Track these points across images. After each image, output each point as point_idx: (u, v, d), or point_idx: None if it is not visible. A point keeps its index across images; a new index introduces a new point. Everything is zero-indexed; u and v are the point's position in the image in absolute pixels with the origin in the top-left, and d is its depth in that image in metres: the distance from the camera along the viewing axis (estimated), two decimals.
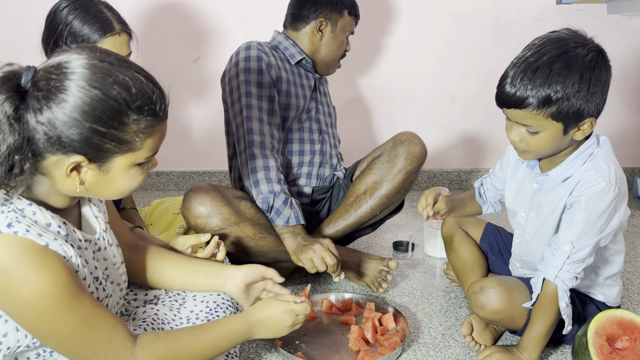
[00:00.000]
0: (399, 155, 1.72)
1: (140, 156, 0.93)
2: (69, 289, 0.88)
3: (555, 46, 1.14)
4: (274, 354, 1.36)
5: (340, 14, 1.87)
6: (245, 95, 1.67)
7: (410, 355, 1.37)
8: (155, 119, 0.92)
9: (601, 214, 1.19)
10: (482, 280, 1.35)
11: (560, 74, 1.11)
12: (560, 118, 1.15)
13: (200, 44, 2.66)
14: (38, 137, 0.85)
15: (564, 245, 1.21)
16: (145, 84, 0.90)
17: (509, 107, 1.17)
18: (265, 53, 1.73)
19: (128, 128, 0.89)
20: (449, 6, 2.64)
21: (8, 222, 0.86)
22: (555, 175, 1.26)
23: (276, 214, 1.58)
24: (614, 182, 1.18)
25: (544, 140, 1.19)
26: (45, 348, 1.01)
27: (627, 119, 2.84)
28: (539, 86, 1.12)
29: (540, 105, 1.13)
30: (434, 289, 1.74)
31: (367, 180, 1.74)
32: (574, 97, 1.12)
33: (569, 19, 2.62)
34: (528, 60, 1.14)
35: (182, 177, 2.90)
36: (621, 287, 1.39)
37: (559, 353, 1.38)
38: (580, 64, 1.12)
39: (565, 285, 1.21)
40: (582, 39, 1.16)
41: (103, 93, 0.85)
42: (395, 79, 2.69)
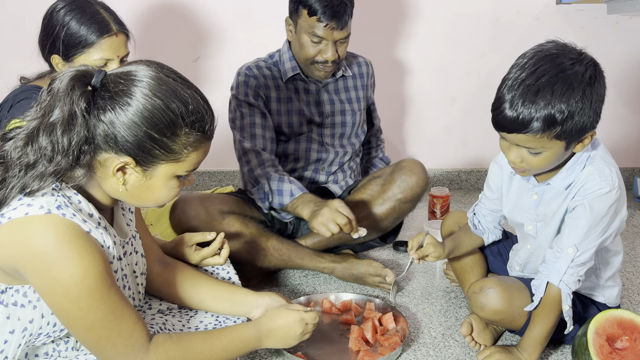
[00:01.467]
0: (393, 182, 1.71)
1: (182, 168, 1.00)
2: (105, 277, 0.92)
3: (551, 65, 1.10)
4: (274, 354, 1.36)
5: (297, 13, 1.72)
6: (240, 118, 1.75)
7: (410, 355, 1.37)
8: (204, 136, 0.99)
9: (604, 216, 1.19)
10: (482, 280, 1.35)
11: (563, 94, 1.08)
12: (564, 137, 1.12)
13: (200, 44, 2.66)
14: (98, 133, 0.93)
15: (567, 249, 1.20)
16: (201, 104, 0.98)
17: (511, 132, 1.13)
18: (254, 76, 1.77)
19: (179, 139, 0.96)
20: (449, 6, 2.64)
21: (58, 205, 0.91)
22: (556, 184, 1.24)
23: (278, 195, 1.60)
24: (617, 185, 1.18)
25: (546, 159, 1.17)
26: (55, 347, 1.03)
27: (627, 119, 2.84)
28: (543, 108, 1.08)
29: (545, 128, 1.10)
30: (434, 289, 1.74)
31: (358, 197, 1.74)
32: (578, 115, 1.10)
33: (569, 19, 2.62)
34: (525, 82, 1.10)
35: None
36: (620, 288, 1.39)
37: (559, 353, 1.38)
38: (581, 82, 1.09)
39: (568, 288, 1.21)
40: (576, 54, 1.13)
41: (164, 104, 0.93)
42: (395, 79, 2.68)
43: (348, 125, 1.87)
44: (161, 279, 1.26)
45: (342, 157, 1.88)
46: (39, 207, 0.90)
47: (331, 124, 1.85)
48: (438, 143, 2.80)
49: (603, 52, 2.70)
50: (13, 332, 0.95)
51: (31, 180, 0.91)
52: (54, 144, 0.91)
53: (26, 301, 0.96)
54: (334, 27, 1.66)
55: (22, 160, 0.92)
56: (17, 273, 0.92)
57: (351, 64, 1.94)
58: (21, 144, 0.92)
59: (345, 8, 1.67)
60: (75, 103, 0.90)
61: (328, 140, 1.85)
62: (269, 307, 1.25)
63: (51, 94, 0.92)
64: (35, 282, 0.91)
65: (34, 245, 0.88)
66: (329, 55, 1.71)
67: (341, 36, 1.70)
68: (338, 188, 1.88)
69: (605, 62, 3.07)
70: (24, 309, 0.96)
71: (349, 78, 1.90)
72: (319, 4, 1.65)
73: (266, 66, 1.81)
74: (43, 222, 0.89)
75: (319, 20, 1.66)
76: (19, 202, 0.91)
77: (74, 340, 1.06)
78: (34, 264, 0.88)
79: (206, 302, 1.26)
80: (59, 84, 0.92)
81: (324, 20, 1.65)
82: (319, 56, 1.72)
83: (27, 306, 0.96)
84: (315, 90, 1.84)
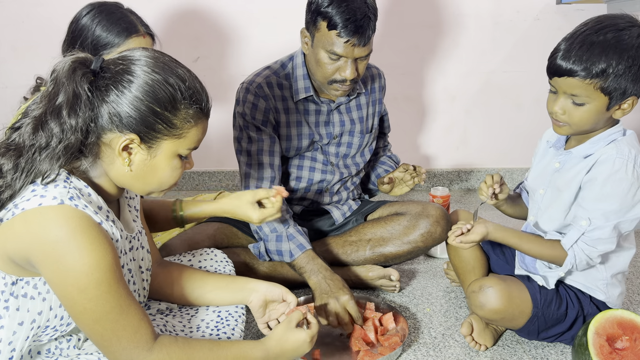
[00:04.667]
0: (417, 227, 1.67)
1: (184, 145, 1.02)
2: (114, 269, 0.94)
3: (611, 23, 1.19)
4: None
5: (315, 25, 1.54)
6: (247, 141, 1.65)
7: (410, 355, 1.37)
8: (201, 111, 1.02)
9: (622, 196, 1.21)
10: (481, 279, 1.35)
11: (617, 47, 1.16)
12: (608, 92, 1.19)
13: (200, 44, 2.66)
14: (102, 114, 0.96)
15: (582, 221, 1.24)
16: (196, 81, 1.03)
17: (562, 75, 1.20)
18: (264, 97, 1.64)
19: (179, 113, 0.99)
20: (449, 6, 2.64)
21: (70, 196, 0.93)
22: (577, 152, 1.29)
23: (278, 255, 1.57)
24: (633, 164, 1.21)
25: (587, 112, 1.22)
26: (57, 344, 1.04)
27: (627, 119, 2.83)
28: (596, 56, 1.16)
29: (595, 75, 1.17)
30: (434, 289, 1.74)
31: (377, 231, 1.71)
32: (625, 72, 1.17)
33: (569, 19, 2.62)
34: (585, 33, 1.19)
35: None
36: (624, 290, 1.39)
37: (559, 353, 1.38)
38: (634, 44, 1.17)
39: (574, 259, 1.24)
40: (634, 20, 1.21)
41: (163, 78, 0.97)
42: (395, 79, 2.68)
43: (354, 146, 1.80)
44: (159, 279, 1.27)
45: (346, 177, 1.82)
46: (52, 198, 0.91)
47: (337, 143, 1.78)
48: (438, 143, 2.80)
49: None
50: (22, 324, 0.96)
51: (43, 163, 0.93)
52: (62, 124, 0.93)
53: (36, 293, 0.97)
54: (355, 43, 1.50)
55: (34, 144, 0.94)
56: (29, 264, 0.93)
57: (364, 79, 1.80)
58: (30, 129, 0.94)
59: (369, 22, 1.51)
60: (78, 83, 0.93)
61: (333, 159, 1.78)
62: (269, 293, 1.27)
63: (54, 81, 0.95)
64: (47, 272, 0.92)
65: (47, 235, 0.89)
66: (348, 74, 1.55)
67: (362, 54, 1.54)
68: (340, 215, 1.82)
69: None
70: (34, 301, 0.97)
71: (362, 95, 1.79)
72: (340, 17, 1.48)
73: (277, 82, 1.67)
74: (57, 212, 0.90)
75: (339, 35, 1.49)
76: (31, 193, 0.92)
77: (76, 338, 1.07)
78: (47, 254, 0.90)
79: (206, 294, 1.27)
80: (61, 70, 0.95)
81: (345, 35, 1.49)
82: (337, 74, 1.57)
83: (37, 298, 0.97)
84: (326, 111, 1.74)
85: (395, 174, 1.77)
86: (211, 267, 1.40)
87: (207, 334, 1.20)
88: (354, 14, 1.48)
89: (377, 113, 1.85)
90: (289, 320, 1.16)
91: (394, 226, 1.69)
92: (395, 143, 2.15)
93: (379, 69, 1.87)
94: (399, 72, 2.69)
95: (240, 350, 1.08)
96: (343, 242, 1.74)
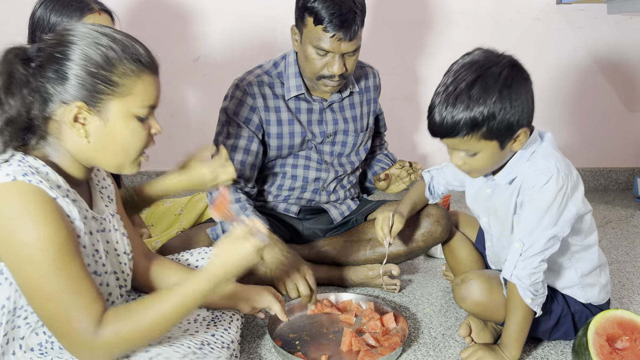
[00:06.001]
0: (418, 227, 1.67)
1: (135, 103, 1.01)
2: (69, 245, 0.94)
3: (471, 70, 1.17)
4: (273, 354, 1.36)
5: (303, 21, 1.57)
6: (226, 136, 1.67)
7: (410, 355, 1.37)
8: (142, 65, 1.01)
9: (548, 207, 1.20)
10: (465, 272, 1.38)
11: (480, 96, 1.14)
12: (492, 137, 1.17)
13: (200, 44, 2.66)
14: (44, 91, 0.97)
15: (515, 244, 1.23)
16: (130, 38, 1.03)
17: (442, 137, 1.21)
18: (253, 95, 1.66)
19: (116, 69, 0.99)
20: (449, 6, 2.64)
21: (24, 172, 0.93)
22: (500, 179, 1.29)
23: None
24: (555, 174, 1.19)
25: (484, 159, 1.22)
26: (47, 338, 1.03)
27: (627, 118, 2.84)
28: (463, 112, 1.15)
29: (469, 130, 1.16)
30: (434, 289, 1.74)
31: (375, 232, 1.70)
32: (499, 114, 1.15)
33: (569, 19, 2.62)
34: (448, 89, 1.17)
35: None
36: (603, 285, 1.37)
37: (559, 353, 1.38)
38: (496, 82, 1.15)
39: (522, 282, 1.22)
40: (495, 58, 1.20)
41: (94, 41, 0.98)
42: (395, 79, 2.68)
43: (349, 145, 1.80)
44: (148, 274, 1.27)
45: (341, 175, 1.82)
46: (5, 175, 0.92)
47: (331, 142, 1.78)
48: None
49: (603, 52, 2.73)
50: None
51: None
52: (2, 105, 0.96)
53: (2, 278, 0.97)
54: (341, 37, 1.52)
55: None
56: None
57: (358, 77, 1.80)
58: None
59: (355, 16, 1.52)
60: (11, 64, 0.96)
61: (327, 158, 1.78)
62: (256, 302, 1.28)
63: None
64: (1, 250, 0.92)
65: (0, 212, 0.90)
66: (336, 69, 1.57)
67: (349, 49, 1.56)
68: (338, 214, 1.81)
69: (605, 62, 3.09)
70: (1, 286, 0.97)
71: (355, 94, 1.78)
72: (326, 12, 1.50)
73: (268, 82, 1.69)
74: (9, 188, 0.91)
75: (325, 29, 1.51)
76: None
77: None
78: (0, 230, 0.91)
79: None
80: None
81: (331, 30, 1.51)
82: (325, 70, 1.59)
83: (4, 283, 0.97)
84: (318, 110, 1.73)
85: (391, 171, 1.77)
86: None
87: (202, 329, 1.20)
88: (340, 9, 1.50)
89: (371, 112, 1.85)
90: (228, 236, 1.06)
91: None
92: (393, 142, 2.15)
93: (373, 68, 1.87)
94: (398, 71, 2.69)
95: (183, 293, 1.01)
96: (343, 242, 1.73)
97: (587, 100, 2.79)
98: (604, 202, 2.70)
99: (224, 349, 1.15)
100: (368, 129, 1.84)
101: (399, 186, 1.78)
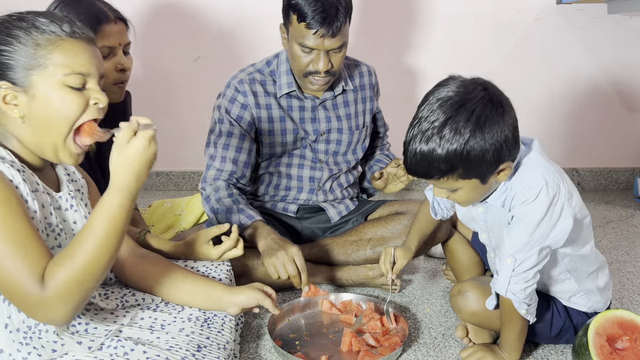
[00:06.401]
0: None
1: (57, 73, 0.99)
2: (13, 204, 0.94)
3: (442, 110, 1.09)
4: (273, 354, 1.36)
5: (288, 19, 1.58)
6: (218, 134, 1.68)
7: (410, 355, 1.37)
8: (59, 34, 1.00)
9: (539, 222, 1.15)
10: (461, 283, 1.37)
11: (452, 138, 1.07)
12: (470, 176, 1.13)
13: (200, 44, 2.66)
14: None
15: (506, 259, 1.19)
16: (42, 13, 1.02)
17: (420, 177, 1.16)
18: (244, 93, 1.68)
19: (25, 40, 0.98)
20: (449, 6, 2.64)
21: None
22: (493, 202, 1.24)
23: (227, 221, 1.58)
24: (544, 186, 1.14)
25: (467, 194, 1.17)
26: None
27: (627, 118, 2.84)
28: (435, 159, 1.09)
29: (444, 174, 1.11)
30: (434, 289, 1.74)
31: (377, 230, 1.71)
32: (474, 155, 1.08)
33: (569, 19, 2.62)
34: (421, 127, 1.10)
35: (181, 177, 2.90)
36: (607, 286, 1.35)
37: (559, 353, 1.38)
38: (468, 122, 1.07)
39: (516, 297, 1.19)
40: (468, 93, 1.11)
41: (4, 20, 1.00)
42: (394, 79, 2.68)
43: (343, 143, 1.79)
44: (138, 270, 1.27)
45: (336, 174, 1.82)
46: None
47: (326, 140, 1.77)
48: None
49: (603, 52, 2.72)
50: None
51: None
52: None
53: None
54: (324, 34, 1.52)
55: None
56: None
57: (352, 75, 1.81)
58: None
59: (337, 13, 1.52)
60: None
61: (322, 157, 1.78)
62: (244, 304, 1.27)
63: None
64: None
65: None
66: (321, 66, 1.57)
67: (333, 45, 1.55)
68: (336, 213, 1.81)
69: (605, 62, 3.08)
70: None
71: (349, 92, 1.78)
72: (308, 8, 1.50)
73: (260, 80, 1.70)
74: None
75: (308, 26, 1.52)
76: None
77: None
78: None
79: (183, 297, 1.27)
80: None
81: (314, 26, 1.51)
82: (310, 66, 1.59)
83: None
84: (311, 107, 1.74)
85: (387, 169, 1.77)
86: (204, 267, 1.41)
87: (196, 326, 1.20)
88: (322, 5, 1.51)
89: (367, 110, 1.85)
90: (116, 145, 0.99)
91: (395, 225, 1.69)
92: (395, 143, 2.15)
93: (369, 66, 1.87)
94: (398, 72, 2.70)
95: (104, 215, 0.96)
96: (343, 242, 1.73)
97: (587, 101, 2.79)
98: (604, 202, 2.70)
99: (220, 350, 1.15)
100: (365, 128, 1.84)
101: (397, 185, 1.77)
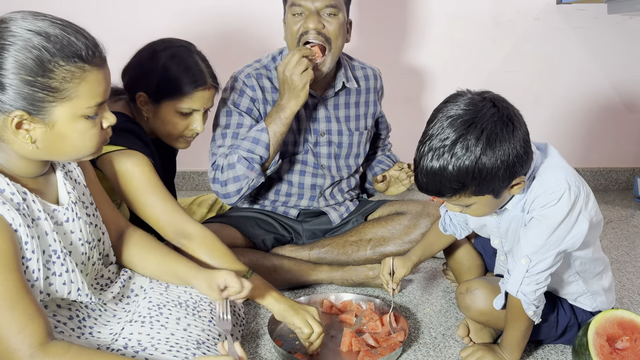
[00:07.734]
0: (418, 227, 1.67)
1: (80, 106, 0.95)
2: (7, 257, 0.90)
3: (452, 128, 1.07)
4: (273, 354, 1.36)
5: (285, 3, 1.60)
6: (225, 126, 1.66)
7: (410, 355, 1.37)
8: (83, 63, 0.94)
9: (557, 225, 1.15)
10: (469, 281, 1.36)
11: (462, 157, 1.06)
12: (482, 193, 1.12)
13: (200, 44, 2.65)
14: None
15: (521, 259, 1.19)
16: (67, 28, 0.94)
17: (431, 195, 1.15)
18: (252, 87, 1.66)
19: (55, 75, 0.92)
20: (449, 6, 2.64)
21: None
22: (512, 207, 1.23)
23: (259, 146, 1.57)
24: (567, 189, 1.14)
25: (481, 208, 1.18)
26: None
27: (627, 118, 2.84)
28: (447, 177, 1.08)
29: (455, 192, 1.11)
30: (434, 289, 1.74)
31: (377, 230, 1.71)
32: (486, 173, 1.08)
33: (569, 19, 2.62)
34: (433, 147, 1.08)
35: (182, 177, 2.90)
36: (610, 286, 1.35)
37: (559, 353, 1.38)
38: (478, 144, 1.06)
39: (527, 298, 1.19)
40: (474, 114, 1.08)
41: (24, 44, 0.90)
42: (395, 79, 2.68)
43: (344, 145, 1.78)
44: (117, 244, 1.28)
45: (337, 180, 1.81)
46: None
47: (327, 142, 1.75)
48: None
49: (603, 52, 2.72)
50: None
51: None
52: None
53: None
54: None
55: None
56: None
57: (357, 77, 1.79)
58: None
59: None
60: None
61: (324, 161, 1.76)
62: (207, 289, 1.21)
63: None
64: None
65: None
66: (311, 24, 1.52)
67: (321, 4, 1.53)
68: (337, 216, 1.80)
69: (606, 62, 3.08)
70: None
71: (352, 92, 1.77)
72: None
73: (266, 75, 1.70)
74: None
75: None
76: None
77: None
78: None
79: (151, 271, 1.28)
80: None
81: None
82: (302, 29, 1.55)
83: None
84: (311, 105, 1.72)
85: (390, 172, 1.77)
86: None
87: None
88: None
89: (370, 114, 1.84)
90: None
91: (395, 226, 1.69)
92: (395, 143, 2.15)
93: (375, 69, 1.86)
94: (399, 72, 2.69)
95: None
96: (344, 242, 1.73)
97: (587, 100, 2.79)
98: (604, 202, 2.70)
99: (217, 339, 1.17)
100: (366, 130, 1.83)
101: (399, 188, 1.77)
